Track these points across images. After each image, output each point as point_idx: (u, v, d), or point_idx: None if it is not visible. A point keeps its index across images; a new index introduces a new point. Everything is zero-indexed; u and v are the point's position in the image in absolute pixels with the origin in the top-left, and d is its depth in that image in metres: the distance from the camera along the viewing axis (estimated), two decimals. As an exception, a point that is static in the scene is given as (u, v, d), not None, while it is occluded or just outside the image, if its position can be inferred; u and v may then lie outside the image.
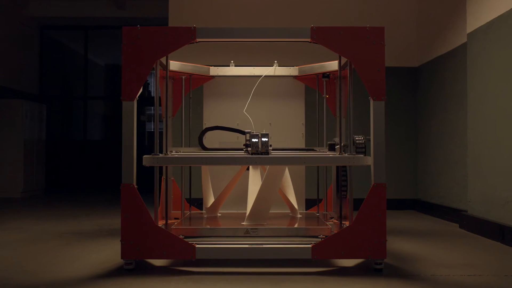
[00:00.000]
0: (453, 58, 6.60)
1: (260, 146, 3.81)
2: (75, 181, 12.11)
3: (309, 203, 5.45)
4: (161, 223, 4.61)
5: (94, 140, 12.33)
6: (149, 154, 3.97)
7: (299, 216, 4.85)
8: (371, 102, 3.86)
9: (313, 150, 4.90)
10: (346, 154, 4.08)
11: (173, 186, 5.34)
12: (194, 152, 4.78)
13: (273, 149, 4.43)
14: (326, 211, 5.32)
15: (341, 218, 4.86)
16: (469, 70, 5.82)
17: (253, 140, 3.81)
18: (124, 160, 3.80)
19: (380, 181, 3.80)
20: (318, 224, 4.37)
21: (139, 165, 3.89)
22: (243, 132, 4.35)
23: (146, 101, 12.19)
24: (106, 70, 13.54)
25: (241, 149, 4.64)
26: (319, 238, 4.10)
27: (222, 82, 5.32)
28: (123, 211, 3.79)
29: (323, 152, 4.75)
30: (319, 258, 3.74)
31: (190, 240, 3.85)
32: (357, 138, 4.33)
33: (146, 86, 12.62)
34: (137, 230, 3.77)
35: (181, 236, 4.03)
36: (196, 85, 5.38)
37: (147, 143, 12.54)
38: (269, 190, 4.27)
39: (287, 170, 4.79)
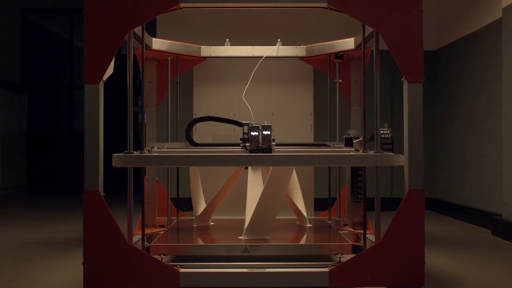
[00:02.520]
0: (481, 39, 5.76)
1: (260, 141, 3.16)
2: (59, 176, 11.29)
3: (318, 204, 4.84)
4: (138, 235, 3.74)
5: (81, 133, 11.35)
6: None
7: (308, 225, 4.03)
8: (405, 85, 3.02)
9: (325, 145, 4.09)
10: (372, 151, 3.22)
11: (158, 187, 4.55)
12: (180, 149, 3.96)
13: (277, 145, 3.82)
14: (339, 217, 4.53)
15: (367, 231, 4.02)
16: (504, 51, 4.98)
17: (253, 133, 3.17)
18: (87, 161, 2.96)
19: (416, 187, 2.97)
20: (334, 239, 3.53)
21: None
22: (239, 124, 3.78)
23: (139, 89, 11.45)
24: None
25: (238, 144, 3.81)
26: (337, 257, 3.25)
27: (216, 65, 4.70)
28: (86, 225, 2.95)
29: (338, 147, 3.92)
30: (339, 286, 2.90)
31: (173, 263, 3.01)
32: (382, 131, 3.50)
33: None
34: (104, 251, 2.94)
35: (161, 256, 3.19)
36: (184, 68, 4.69)
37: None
38: (273, 196, 3.43)
39: (294, 171, 3.95)
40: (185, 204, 4.90)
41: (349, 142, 4.05)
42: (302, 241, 3.59)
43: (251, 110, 4.26)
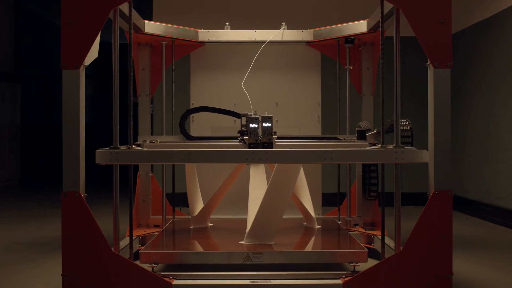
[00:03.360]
0: (501, 23, 5.34)
1: (260, 134, 2.93)
2: (55, 169, 10.94)
3: (327, 199, 4.59)
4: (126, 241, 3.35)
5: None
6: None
7: (317, 227, 3.66)
8: (431, 70, 2.65)
9: (335, 138, 3.72)
10: (391, 146, 2.84)
11: (152, 183, 4.22)
12: (175, 143, 3.58)
13: (281, 138, 3.52)
14: (350, 216, 4.18)
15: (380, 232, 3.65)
16: (529, 35, 4.56)
17: (251, 125, 2.94)
18: (66, 157, 2.58)
19: (443, 187, 2.59)
20: (348, 244, 3.15)
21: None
22: (237, 115, 3.46)
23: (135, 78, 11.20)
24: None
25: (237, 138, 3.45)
26: (351, 265, 2.87)
27: (215, 50, 4.36)
28: (65, 232, 2.57)
29: (350, 141, 3.56)
30: (355, 301, 2.54)
31: (165, 273, 2.64)
32: (403, 122, 3.14)
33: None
34: (86, 260, 2.57)
35: (153, 265, 2.82)
36: (181, 54, 4.35)
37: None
38: (278, 197, 3.06)
39: (301, 168, 3.57)
40: (181, 201, 4.55)
41: (362, 135, 3.69)
42: (311, 247, 3.21)
43: (251, 99, 3.97)
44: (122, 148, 2.79)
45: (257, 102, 4.12)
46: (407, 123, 3.23)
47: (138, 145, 3.63)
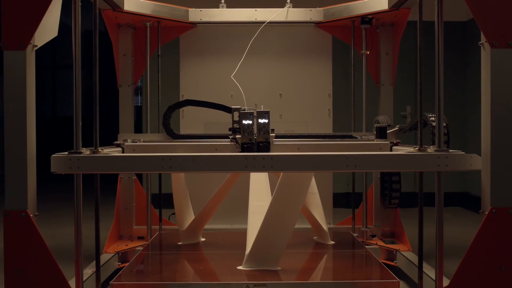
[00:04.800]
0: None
1: (256, 132, 2.78)
2: (42, 165, 10.54)
3: (338, 199, 4.31)
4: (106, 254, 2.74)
5: (66, 117, 10.59)
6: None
7: (330, 243, 3.08)
8: (486, 50, 2.05)
9: (350, 137, 3.26)
10: (431, 148, 2.24)
11: (136, 188, 3.78)
12: (160, 142, 3.24)
13: (285, 136, 3.25)
14: (366, 227, 3.72)
15: (403, 246, 3.09)
16: None
17: (245, 121, 2.79)
18: (9, 165, 1.97)
19: (503, 204, 2.00)
20: (372, 271, 2.57)
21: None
22: (228, 109, 3.18)
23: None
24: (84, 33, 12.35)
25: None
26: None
27: (208, 33, 4.04)
28: (9, 262, 1.97)
29: (369, 140, 3.20)
30: None
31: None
32: (431, 117, 2.63)
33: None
34: (35, 300, 1.97)
35: (126, 302, 2.22)
36: (168, 38, 3.98)
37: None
38: (285, 211, 2.49)
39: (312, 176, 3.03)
40: (171, 206, 4.07)
41: (382, 133, 3.21)
42: (327, 275, 2.64)
43: (251, 90, 3.66)
44: (86, 152, 2.18)
45: (258, 94, 3.81)
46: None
47: (118, 146, 3.17)
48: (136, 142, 3.13)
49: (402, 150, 2.42)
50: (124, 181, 3.71)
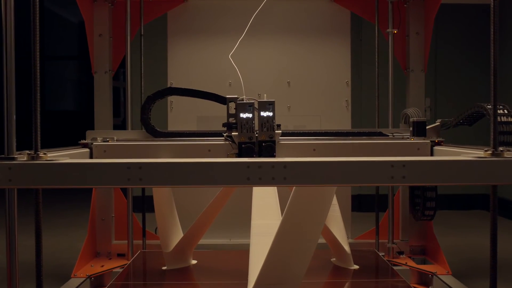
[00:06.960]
0: None
1: (257, 128, 2.49)
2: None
3: (357, 203, 4.17)
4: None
5: (56, 112, 10.64)
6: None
7: (354, 267, 2.53)
8: None
9: (380, 134, 2.96)
10: (509, 152, 1.63)
11: (116, 196, 3.37)
12: (137, 141, 2.76)
13: (293, 134, 2.85)
14: (393, 242, 3.23)
15: (439, 268, 2.53)
16: None
17: (242, 115, 2.45)
18: None
19: None
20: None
21: None
22: (221, 99, 2.82)
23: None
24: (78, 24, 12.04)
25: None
26: None
27: (201, 8, 3.77)
28: None
29: (404, 138, 2.72)
30: None
31: None
32: (502, 109, 2.08)
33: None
34: None
35: None
36: (154, 15, 3.64)
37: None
38: (300, 235, 1.91)
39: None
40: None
41: (420, 129, 2.74)
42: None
43: (261, 78, 3.46)
44: (22, 157, 1.57)
45: (261, 82, 3.54)
46: (506, 112, 2.08)
47: (85, 146, 2.64)
48: (107, 141, 2.59)
49: (464, 153, 1.81)
50: (101, 189, 3.26)
